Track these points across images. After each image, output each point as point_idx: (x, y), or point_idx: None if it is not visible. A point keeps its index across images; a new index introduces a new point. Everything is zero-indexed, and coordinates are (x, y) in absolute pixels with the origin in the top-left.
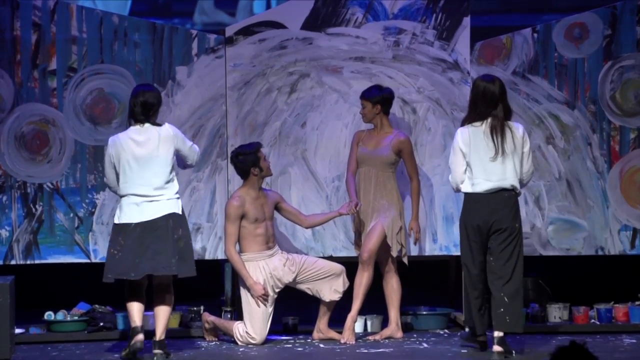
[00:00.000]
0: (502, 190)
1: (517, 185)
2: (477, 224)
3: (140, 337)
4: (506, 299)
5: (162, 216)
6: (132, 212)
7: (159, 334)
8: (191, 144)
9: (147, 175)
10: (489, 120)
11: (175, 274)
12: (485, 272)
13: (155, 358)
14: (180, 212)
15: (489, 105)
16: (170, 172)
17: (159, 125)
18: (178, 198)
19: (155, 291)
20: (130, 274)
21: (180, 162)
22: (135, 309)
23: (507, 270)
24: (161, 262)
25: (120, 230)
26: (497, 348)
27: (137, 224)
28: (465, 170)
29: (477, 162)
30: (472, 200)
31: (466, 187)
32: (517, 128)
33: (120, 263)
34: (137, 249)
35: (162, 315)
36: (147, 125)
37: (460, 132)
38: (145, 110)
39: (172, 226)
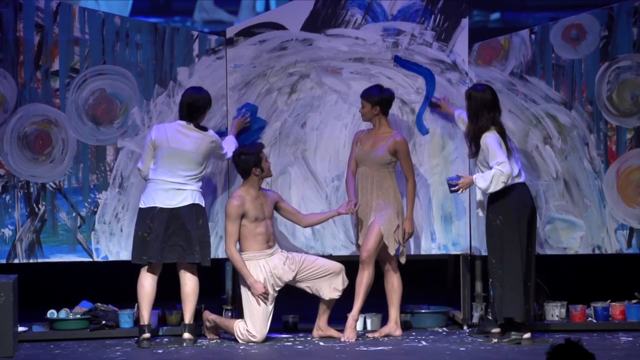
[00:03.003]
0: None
1: None
2: (525, 214)
3: (147, 335)
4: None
5: (187, 205)
6: (159, 197)
7: (188, 318)
8: (225, 151)
9: (179, 165)
10: (497, 124)
11: (198, 262)
12: None
13: (184, 344)
14: (202, 205)
15: (489, 112)
16: (200, 172)
17: (204, 129)
18: (201, 192)
19: (181, 278)
20: (158, 257)
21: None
22: (146, 302)
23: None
24: (186, 250)
25: (148, 214)
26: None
27: (163, 209)
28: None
29: (513, 157)
30: (523, 192)
31: (510, 181)
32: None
33: (151, 245)
34: (163, 233)
35: (190, 300)
36: (192, 125)
37: (488, 134)
38: (190, 111)
39: (195, 216)
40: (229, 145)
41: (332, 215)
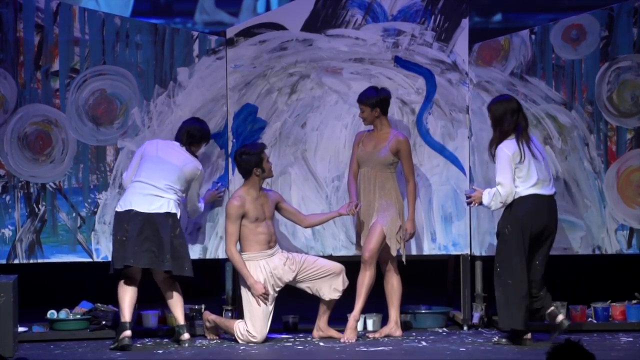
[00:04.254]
0: (554, 194)
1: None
2: (536, 227)
3: (128, 333)
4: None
5: (163, 212)
6: (136, 201)
7: (182, 319)
8: (200, 200)
9: (161, 174)
10: (516, 133)
11: (169, 270)
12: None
13: (186, 344)
14: (178, 216)
15: (512, 120)
16: (180, 189)
17: (196, 157)
18: (179, 204)
19: (162, 288)
20: (130, 260)
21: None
22: (127, 301)
23: (543, 271)
24: (158, 257)
25: (124, 217)
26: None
27: (139, 213)
28: (515, 179)
29: (533, 166)
30: (533, 203)
31: (525, 191)
32: (534, 137)
33: (127, 248)
34: (136, 237)
35: (176, 303)
36: (185, 148)
37: (504, 146)
38: (188, 138)
39: (171, 225)
40: (201, 202)
41: (333, 216)
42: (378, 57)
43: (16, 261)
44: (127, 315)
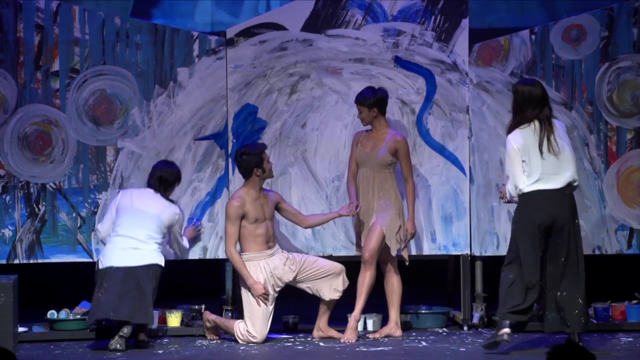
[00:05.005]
0: (565, 187)
1: (576, 178)
2: (539, 223)
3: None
4: (580, 300)
5: (144, 265)
6: (116, 257)
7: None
8: (183, 236)
9: (140, 224)
10: (536, 122)
11: (149, 323)
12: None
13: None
14: (162, 264)
15: (535, 108)
16: (161, 238)
17: (171, 202)
18: (161, 251)
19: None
20: (110, 313)
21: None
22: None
23: (570, 269)
24: (139, 310)
25: (103, 274)
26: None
27: (119, 267)
28: (524, 171)
29: (537, 160)
30: (536, 199)
31: (527, 187)
32: (561, 125)
33: (102, 304)
34: (118, 290)
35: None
36: (159, 194)
37: (512, 137)
38: (160, 183)
39: (152, 276)
40: (185, 240)
41: (333, 216)
42: (378, 57)
43: (16, 261)
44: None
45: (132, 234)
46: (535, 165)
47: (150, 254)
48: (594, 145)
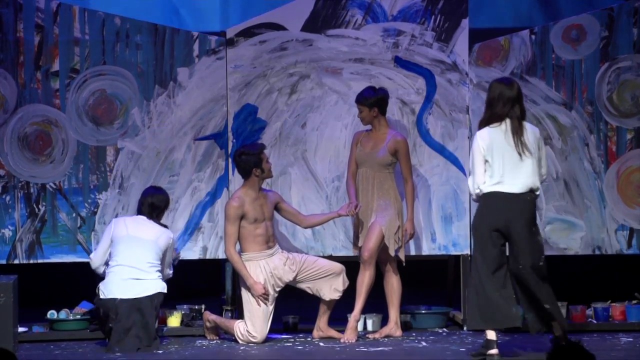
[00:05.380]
0: (525, 192)
1: (537, 186)
2: (495, 226)
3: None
4: (545, 305)
5: (148, 296)
6: (118, 288)
7: None
8: (171, 263)
9: (138, 253)
10: (508, 121)
11: (154, 351)
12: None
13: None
14: (165, 291)
15: (504, 106)
16: (160, 264)
17: (164, 226)
18: (162, 278)
19: None
20: (115, 348)
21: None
22: None
23: (531, 276)
24: (143, 341)
25: (109, 305)
26: None
27: (124, 300)
28: (485, 171)
29: (500, 162)
30: (493, 201)
31: (487, 188)
32: (533, 130)
33: (114, 336)
34: (123, 323)
35: None
36: (152, 220)
37: (479, 134)
38: (151, 210)
39: (156, 305)
40: (170, 268)
41: (332, 216)
42: (378, 57)
43: (16, 261)
44: None
45: (133, 263)
46: (497, 166)
47: (152, 284)
48: (594, 145)
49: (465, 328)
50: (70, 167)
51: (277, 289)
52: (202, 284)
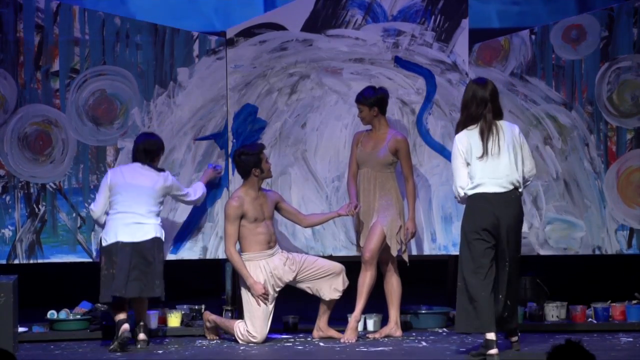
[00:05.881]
0: (509, 191)
1: (520, 183)
2: (485, 226)
3: (127, 326)
4: (510, 302)
5: (149, 239)
6: (120, 232)
7: (142, 319)
8: (186, 192)
9: (137, 200)
10: (481, 122)
11: (158, 296)
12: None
13: (139, 345)
14: (163, 238)
15: (478, 107)
16: (159, 209)
17: (161, 170)
18: (161, 225)
19: (133, 302)
20: (122, 290)
21: (177, 199)
22: (121, 315)
23: (512, 275)
24: (147, 285)
25: (112, 250)
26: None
27: (125, 243)
28: (467, 174)
29: (479, 163)
30: (479, 202)
31: (471, 190)
32: (512, 128)
33: (116, 281)
34: (127, 267)
35: (141, 307)
36: (147, 165)
37: (457, 138)
38: (146, 155)
39: (157, 250)
40: (197, 189)
41: (332, 216)
42: (378, 57)
43: (16, 261)
44: (121, 315)
45: (133, 210)
46: (475, 168)
47: (152, 229)
48: (594, 145)
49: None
50: (70, 167)
51: (277, 289)
52: (202, 284)
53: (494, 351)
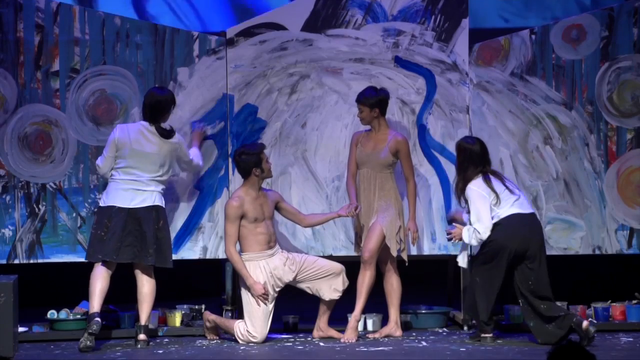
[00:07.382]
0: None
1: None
2: (517, 247)
3: (98, 319)
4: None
5: (147, 206)
6: (119, 197)
7: (144, 320)
8: (192, 158)
9: (140, 167)
10: (481, 175)
11: (152, 264)
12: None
13: (138, 345)
14: (163, 206)
15: (477, 166)
16: (163, 173)
17: (169, 132)
18: (163, 193)
19: (137, 279)
20: (113, 256)
21: (181, 165)
22: (98, 291)
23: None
24: (141, 252)
25: (106, 213)
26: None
27: (121, 208)
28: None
29: (507, 192)
30: (515, 220)
31: (504, 212)
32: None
33: (107, 244)
34: (120, 232)
35: (146, 301)
36: (154, 127)
37: (473, 185)
38: (153, 112)
39: (155, 217)
40: (197, 155)
41: (332, 217)
42: (378, 57)
43: (16, 261)
44: (95, 306)
45: (135, 176)
46: (505, 196)
47: (151, 196)
48: (594, 145)
49: (465, 328)
50: (70, 167)
51: (277, 289)
52: (202, 284)
53: (488, 335)
